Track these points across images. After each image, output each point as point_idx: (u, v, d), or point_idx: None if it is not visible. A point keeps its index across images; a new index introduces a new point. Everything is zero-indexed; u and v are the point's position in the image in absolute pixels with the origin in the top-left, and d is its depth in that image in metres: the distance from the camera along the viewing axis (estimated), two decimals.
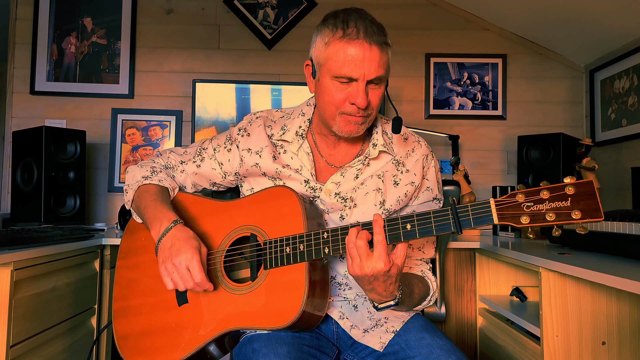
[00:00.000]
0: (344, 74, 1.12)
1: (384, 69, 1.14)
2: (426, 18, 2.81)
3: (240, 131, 1.34)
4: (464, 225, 0.99)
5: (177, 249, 1.12)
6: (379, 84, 1.16)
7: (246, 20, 2.78)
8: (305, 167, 1.26)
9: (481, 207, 0.98)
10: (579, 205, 0.92)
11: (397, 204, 1.25)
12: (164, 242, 1.15)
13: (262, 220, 1.18)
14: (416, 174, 1.28)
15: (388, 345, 1.19)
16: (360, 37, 1.10)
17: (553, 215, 0.93)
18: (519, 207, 0.96)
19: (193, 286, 1.12)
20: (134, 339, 1.24)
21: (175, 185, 1.33)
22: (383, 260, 1.00)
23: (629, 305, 1.43)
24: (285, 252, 1.11)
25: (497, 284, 2.09)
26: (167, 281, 1.13)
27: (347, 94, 1.14)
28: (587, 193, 0.92)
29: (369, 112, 1.17)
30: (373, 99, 1.16)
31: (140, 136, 2.72)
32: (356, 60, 1.10)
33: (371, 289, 1.06)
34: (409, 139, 1.32)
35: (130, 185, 1.31)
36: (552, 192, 0.94)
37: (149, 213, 1.22)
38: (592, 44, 2.54)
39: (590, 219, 0.92)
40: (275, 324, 1.08)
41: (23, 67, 2.71)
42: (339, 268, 1.25)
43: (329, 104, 1.17)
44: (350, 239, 1.03)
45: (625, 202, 2.37)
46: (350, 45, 1.10)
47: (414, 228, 1.02)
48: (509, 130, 2.77)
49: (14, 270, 1.39)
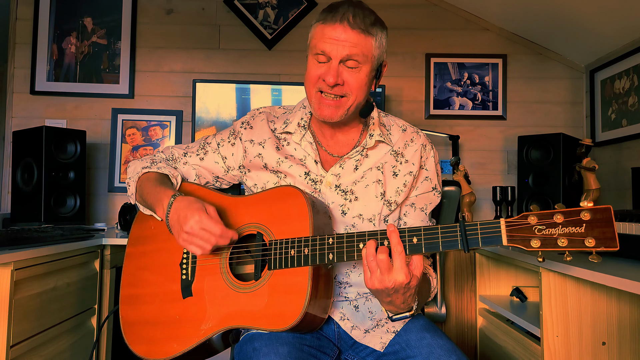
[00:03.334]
0: (320, 48, 1.16)
1: (361, 51, 1.15)
2: (426, 18, 2.81)
3: (244, 124, 1.35)
4: (472, 244, 0.96)
5: (184, 217, 1.12)
6: (356, 67, 1.17)
7: (246, 20, 2.78)
8: (309, 155, 1.27)
9: (491, 227, 0.95)
10: (593, 232, 0.87)
11: (397, 195, 1.25)
12: (172, 218, 1.16)
13: (269, 219, 1.18)
14: (414, 164, 1.28)
15: (389, 345, 1.19)
16: (341, 19, 1.15)
17: (565, 240, 0.89)
18: (530, 230, 0.91)
19: (216, 240, 1.11)
20: (139, 327, 1.25)
21: (176, 173, 1.32)
22: (404, 272, 0.98)
23: (629, 306, 1.43)
24: (289, 255, 1.11)
25: (497, 284, 2.09)
26: (193, 250, 1.12)
27: (321, 72, 1.18)
28: (604, 220, 0.87)
29: (343, 93, 1.18)
30: (349, 79, 1.17)
31: (141, 136, 2.72)
32: (332, 38, 1.15)
33: (389, 302, 1.05)
34: (407, 130, 1.33)
35: (132, 178, 1.32)
36: (567, 217, 0.89)
37: (151, 198, 1.23)
38: (592, 44, 2.54)
39: (604, 248, 0.86)
40: (277, 326, 1.08)
41: (23, 67, 2.71)
42: (340, 267, 1.25)
43: (308, 81, 1.22)
44: (369, 252, 1.01)
45: (625, 202, 2.37)
46: (330, 25, 1.16)
47: (420, 242, 1.00)
48: (509, 131, 2.77)
49: (14, 270, 1.39)
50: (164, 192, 1.20)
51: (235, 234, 1.13)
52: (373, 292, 1.05)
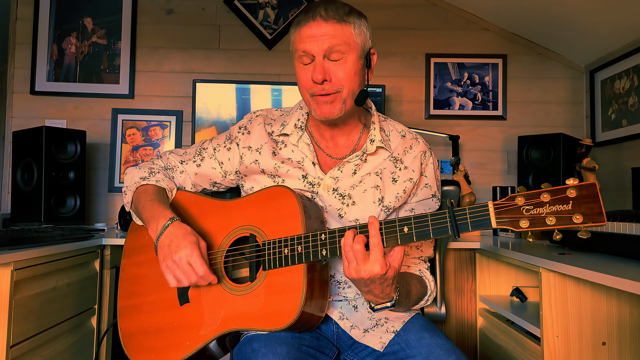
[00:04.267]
0: (300, 49, 1.17)
1: (341, 40, 1.15)
2: (426, 18, 2.81)
3: (241, 129, 1.35)
4: (462, 229, 0.97)
5: (176, 245, 1.12)
6: (341, 58, 1.16)
7: (246, 20, 2.78)
8: (307, 157, 1.26)
9: (479, 211, 0.96)
10: (580, 208, 0.88)
11: (396, 200, 1.25)
12: (163, 240, 1.15)
13: (261, 220, 1.18)
14: (414, 171, 1.28)
15: (388, 345, 1.19)
16: (313, 16, 1.15)
17: (553, 219, 0.90)
18: (518, 211, 0.92)
19: (197, 280, 1.12)
20: (138, 337, 1.25)
21: (173, 187, 1.33)
22: (380, 263, 0.99)
23: (629, 306, 1.42)
24: (283, 254, 1.11)
25: (497, 284, 2.09)
26: (169, 279, 1.13)
27: (309, 74, 1.17)
28: (590, 196, 0.88)
29: (336, 88, 1.17)
30: (338, 72, 1.16)
31: (141, 136, 2.72)
32: (310, 37, 1.15)
33: (368, 291, 1.06)
34: (406, 136, 1.32)
35: (129, 187, 1.31)
36: (553, 195, 0.90)
37: (146, 213, 1.23)
38: (592, 44, 2.54)
39: (592, 223, 0.88)
40: (274, 326, 1.08)
41: (23, 67, 2.71)
42: (339, 266, 1.25)
43: (301, 89, 1.21)
44: (346, 242, 1.02)
45: (625, 202, 2.37)
46: (305, 25, 1.16)
47: (411, 231, 1.01)
48: (509, 131, 2.77)
49: (14, 270, 1.39)
50: (160, 212, 1.20)
51: (215, 279, 1.15)
52: (351, 281, 1.06)
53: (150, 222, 1.20)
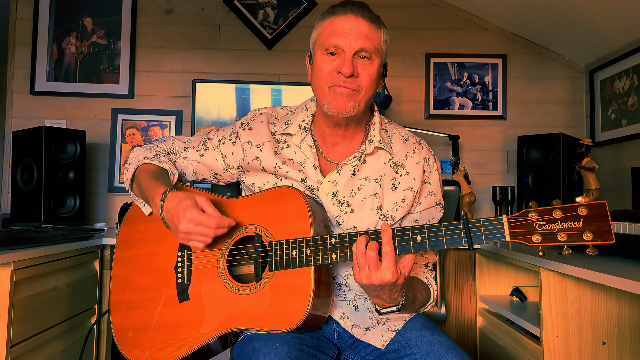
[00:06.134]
0: (332, 43, 1.16)
1: (372, 44, 1.16)
2: (426, 18, 2.81)
3: (243, 125, 1.34)
4: (476, 241, 0.98)
5: (177, 218, 1.11)
6: (369, 60, 1.17)
7: (246, 20, 2.78)
8: (308, 159, 1.25)
9: (493, 225, 0.97)
10: (590, 226, 0.92)
11: (395, 209, 1.24)
12: (166, 217, 1.15)
13: (267, 220, 1.17)
14: (416, 179, 1.26)
15: (389, 343, 1.20)
16: (353, 11, 1.15)
17: (565, 235, 0.93)
18: (531, 226, 0.95)
19: (214, 233, 1.11)
20: (132, 333, 1.23)
21: (176, 171, 1.31)
22: (392, 271, 0.99)
23: (629, 306, 1.43)
24: (291, 255, 1.10)
25: (497, 284, 2.09)
26: (194, 245, 1.12)
27: (335, 65, 1.16)
28: (600, 214, 0.91)
29: (357, 86, 1.17)
30: (362, 73, 1.17)
31: (140, 136, 2.72)
32: (343, 31, 1.15)
33: (376, 296, 1.06)
34: (409, 140, 1.31)
35: (131, 164, 1.29)
36: (565, 212, 0.93)
37: (146, 192, 1.22)
38: (592, 44, 2.54)
39: (601, 241, 0.91)
40: (280, 327, 1.07)
41: (23, 67, 2.71)
42: (339, 268, 1.24)
43: (319, 79, 1.20)
44: (359, 248, 1.02)
45: (625, 202, 2.37)
46: (338, 18, 1.16)
47: (424, 240, 1.01)
48: (509, 130, 2.77)
49: (14, 270, 1.39)
50: (156, 189, 1.18)
51: (232, 221, 1.13)
52: (360, 286, 1.06)
53: (150, 201, 1.20)
